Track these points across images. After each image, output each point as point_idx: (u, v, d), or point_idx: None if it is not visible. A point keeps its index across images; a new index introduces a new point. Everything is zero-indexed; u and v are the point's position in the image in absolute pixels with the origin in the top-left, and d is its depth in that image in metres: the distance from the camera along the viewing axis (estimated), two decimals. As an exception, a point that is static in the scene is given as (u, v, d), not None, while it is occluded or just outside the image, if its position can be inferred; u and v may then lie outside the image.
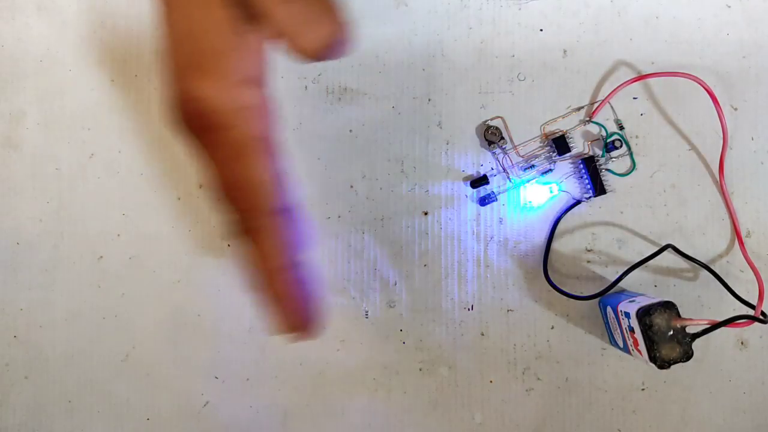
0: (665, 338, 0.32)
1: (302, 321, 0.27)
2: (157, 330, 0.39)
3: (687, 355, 0.32)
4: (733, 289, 0.37)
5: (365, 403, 0.39)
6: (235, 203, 0.25)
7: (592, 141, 0.39)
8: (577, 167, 0.39)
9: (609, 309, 0.36)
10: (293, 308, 0.26)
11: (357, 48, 0.40)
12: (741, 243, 0.38)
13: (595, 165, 0.38)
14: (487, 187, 0.39)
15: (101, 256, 0.40)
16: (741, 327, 0.34)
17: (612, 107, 0.39)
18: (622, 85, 0.38)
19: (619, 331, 0.35)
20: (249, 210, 0.25)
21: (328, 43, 0.23)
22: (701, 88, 0.37)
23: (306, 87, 0.39)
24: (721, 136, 0.38)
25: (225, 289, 0.39)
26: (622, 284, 0.37)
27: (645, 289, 0.38)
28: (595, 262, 0.39)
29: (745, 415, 0.38)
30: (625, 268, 0.37)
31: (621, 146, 0.39)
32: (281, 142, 0.29)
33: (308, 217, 0.30)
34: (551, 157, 0.39)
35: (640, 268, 0.37)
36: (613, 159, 0.39)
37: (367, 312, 0.39)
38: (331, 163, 0.39)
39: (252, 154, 0.24)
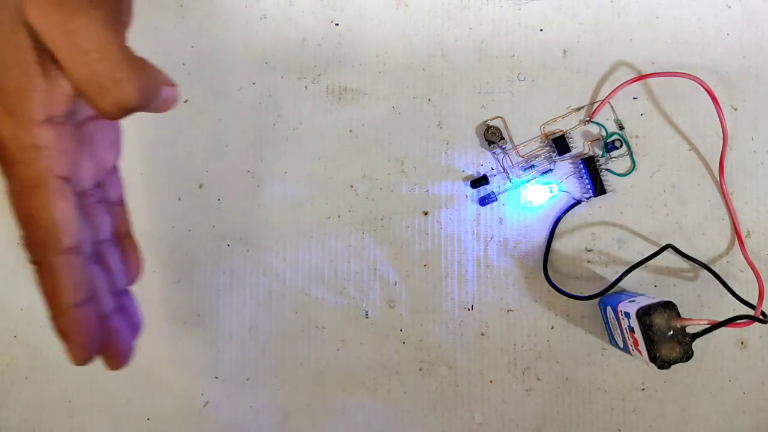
0: (665, 338, 0.32)
1: (88, 357, 0.27)
2: (157, 330, 0.39)
3: (687, 355, 0.32)
4: (733, 289, 0.37)
5: (365, 403, 0.39)
6: (26, 236, 0.25)
7: (592, 141, 0.39)
8: (577, 167, 0.39)
9: (609, 309, 0.36)
10: (80, 344, 0.26)
11: (357, 48, 0.40)
12: (741, 243, 0.38)
13: (595, 165, 0.38)
14: (487, 187, 0.39)
15: (101, 256, 0.39)
16: (741, 327, 0.34)
17: (612, 107, 0.39)
18: (622, 85, 0.38)
19: (619, 331, 0.35)
20: (39, 246, 0.25)
21: (120, 106, 0.23)
22: (701, 88, 0.37)
23: (306, 87, 0.39)
24: (721, 136, 0.38)
25: (225, 289, 0.39)
26: (622, 284, 0.37)
27: (645, 289, 0.38)
28: (595, 262, 0.39)
29: (745, 415, 0.38)
30: (625, 268, 0.37)
31: (621, 146, 0.39)
32: (110, 179, 0.29)
33: (132, 252, 0.31)
34: (551, 157, 0.39)
35: (640, 268, 0.37)
36: (613, 159, 0.39)
37: (367, 312, 0.39)
38: (331, 163, 0.39)
39: (42, 193, 0.25)
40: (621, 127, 0.39)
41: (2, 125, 0.23)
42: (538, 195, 0.39)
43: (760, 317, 0.33)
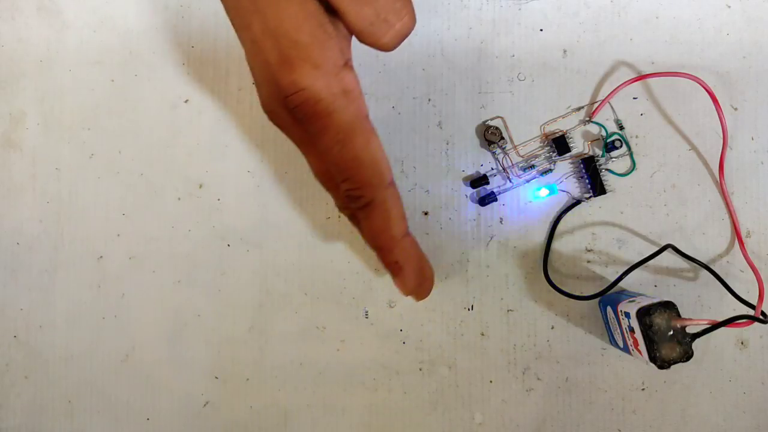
0: (665, 338, 0.32)
1: (426, 279, 0.29)
2: (157, 330, 0.39)
3: (687, 355, 0.32)
4: (733, 289, 0.36)
5: (365, 403, 0.39)
6: (355, 181, 0.26)
7: (592, 141, 0.39)
8: (577, 167, 0.39)
9: (609, 309, 0.36)
10: (413, 270, 0.28)
11: (356, 48, 0.39)
12: (741, 243, 0.38)
13: (595, 165, 0.38)
14: (487, 187, 0.39)
15: (101, 256, 0.40)
16: (741, 327, 0.34)
17: (612, 107, 0.39)
18: (622, 85, 0.38)
19: (619, 331, 0.35)
20: (370, 185, 0.26)
21: (402, 37, 0.24)
22: (701, 88, 0.37)
23: (306, 87, 0.39)
24: (721, 136, 0.38)
25: (225, 289, 0.39)
26: (622, 284, 0.37)
27: (645, 289, 0.38)
28: (595, 262, 0.39)
29: (745, 415, 0.38)
30: (625, 268, 0.37)
31: (621, 146, 0.38)
32: None
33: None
34: (551, 157, 0.39)
35: (640, 268, 0.37)
36: (613, 159, 0.39)
37: (367, 312, 0.39)
38: (331, 163, 0.39)
39: (362, 133, 0.26)
40: (621, 127, 0.39)
41: (313, 79, 0.24)
42: (538, 195, 0.39)
43: (760, 317, 0.33)
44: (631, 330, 0.33)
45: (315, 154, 0.26)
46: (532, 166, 0.39)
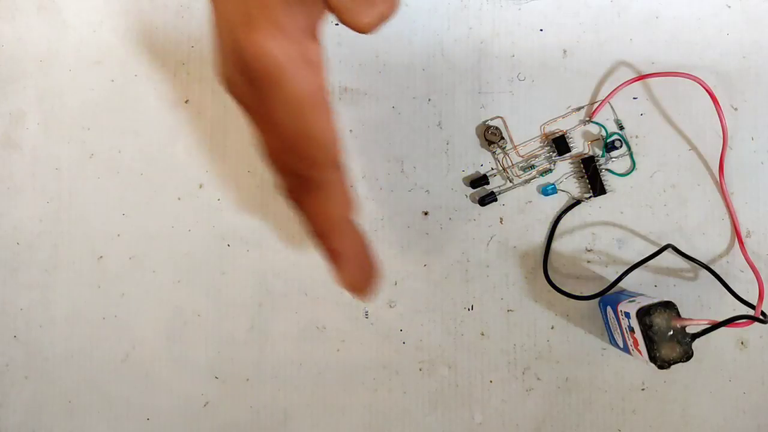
0: (665, 338, 0.32)
1: (370, 275, 0.27)
2: (157, 330, 0.39)
3: (687, 355, 0.32)
4: (733, 289, 0.37)
5: (365, 404, 0.39)
6: (303, 157, 0.25)
7: (592, 141, 0.39)
8: (577, 167, 0.39)
9: (609, 309, 0.36)
10: (360, 261, 0.27)
11: (357, 48, 0.40)
12: (741, 243, 0.38)
13: (595, 165, 0.38)
14: (487, 187, 0.39)
15: (101, 256, 0.40)
16: (741, 327, 0.34)
17: (612, 107, 0.39)
18: (622, 85, 0.38)
19: (619, 331, 0.35)
20: (316, 163, 0.25)
21: (383, 19, 0.23)
22: (701, 88, 0.37)
23: (306, 87, 0.39)
24: (721, 136, 0.38)
25: (225, 289, 0.39)
26: (622, 284, 0.37)
27: (645, 289, 0.38)
28: (595, 262, 0.39)
29: (745, 415, 0.38)
30: (625, 268, 0.37)
31: (621, 146, 0.38)
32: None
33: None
34: (551, 157, 0.39)
35: (640, 268, 0.37)
36: (613, 159, 0.39)
37: (367, 312, 0.39)
38: (331, 163, 0.39)
39: (318, 107, 0.24)
40: (621, 127, 0.39)
41: (275, 42, 0.23)
42: (539, 195, 0.39)
43: (760, 317, 0.33)
44: (631, 330, 0.33)
45: (268, 128, 0.25)
46: (532, 166, 0.39)
